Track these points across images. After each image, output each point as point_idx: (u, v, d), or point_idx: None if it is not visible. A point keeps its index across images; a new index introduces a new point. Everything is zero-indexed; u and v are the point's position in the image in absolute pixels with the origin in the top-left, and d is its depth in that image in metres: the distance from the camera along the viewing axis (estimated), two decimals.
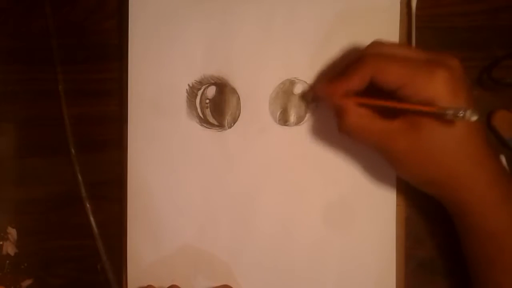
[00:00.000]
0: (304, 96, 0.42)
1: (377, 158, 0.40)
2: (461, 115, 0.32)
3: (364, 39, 0.38)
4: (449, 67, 0.33)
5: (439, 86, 0.33)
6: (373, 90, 0.35)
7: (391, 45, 0.36)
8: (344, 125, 0.36)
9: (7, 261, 0.44)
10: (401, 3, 0.41)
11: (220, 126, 0.42)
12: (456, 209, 0.36)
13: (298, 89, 0.42)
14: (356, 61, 0.35)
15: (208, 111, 0.42)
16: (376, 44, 0.36)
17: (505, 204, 0.35)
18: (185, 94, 0.42)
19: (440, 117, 0.33)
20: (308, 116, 0.42)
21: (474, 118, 0.32)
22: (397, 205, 0.41)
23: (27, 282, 0.44)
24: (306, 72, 0.41)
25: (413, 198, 0.41)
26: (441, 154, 0.34)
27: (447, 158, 0.34)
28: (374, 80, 0.35)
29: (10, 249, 0.44)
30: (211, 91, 0.42)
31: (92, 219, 0.43)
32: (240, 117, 0.42)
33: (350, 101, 0.35)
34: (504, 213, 0.35)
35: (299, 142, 0.42)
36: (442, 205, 0.38)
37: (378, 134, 0.35)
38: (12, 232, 0.44)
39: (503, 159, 0.40)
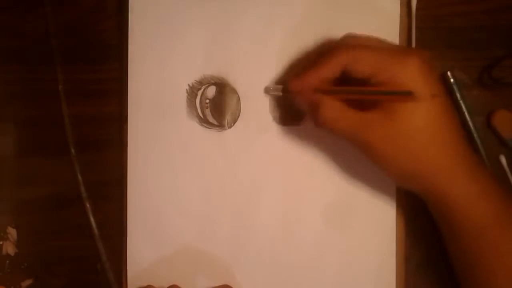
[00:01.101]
0: (269, 91, 0.41)
1: None
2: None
3: None
4: (420, 56, 0.34)
5: (411, 71, 0.33)
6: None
7: (363, 37, 0.36)
8: (318, 118, 0.35)
9: (7, 261, 0.44)
10: (401, 3, 0.41)
11: (220, 126, 0.42)
12: (437, 205, 0.36)
13: None
14: (327, 52, 0.35)
15: (208, 111, 0.42)
16: (347, 36, 0.37)
17: (484, 200, 0.34)
18: (185, 94, 0.42)
19: (408, 97, 0.33)
20: (307, 116, 0.42)
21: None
22: (397, 205, 0.41)
23: (27, 282, 0.44)
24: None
25: (413, 199, 0.41)
26: (417, 144, 0.34)
27: (423, 149, 0.34)
28: (346, 69, 0.35)
29: (10, 249, 0.44)
30: (211, 91, 0.42)
31: (92, 219, 0.43)
32: (240, 117, 0.42)
33: (323, 94, 0.35)
34: (484, 209, 0.34)
35: (299, 142, 0.42)
36: None
37: (353, 125, 0.35)
38: (12, 232, 0.44)
39: (503, 159, 0.40)
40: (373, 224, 0.41)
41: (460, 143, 0.35)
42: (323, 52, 0.36)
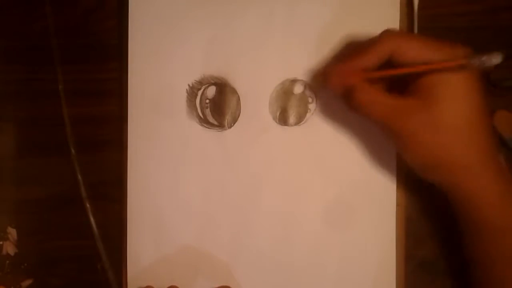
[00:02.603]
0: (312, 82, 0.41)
1: (377, 158, 0.41)
2: (484, 59, 0.32)
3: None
4: (463, 47, 0.34)
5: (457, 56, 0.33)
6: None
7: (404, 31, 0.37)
8: (355, 100, 0.35)
9: (7, 261, 0.44)
10: (401, 3, 0.41)
11: (220, 126, 0.42)
12: (459, 199, 0.35)
13: (298, 89, 0.42)
14: (373, 40, 0.35)
15: (208, 111, 0.42)
16: (390, 29, 0.36)
17: (507, 201, 0.34)
18: (185, 94, 0.42)
19: (462, 67, 0.32)
20: (308, 116, 0.42)
21: (499, 59, 0.32)
22: (397, 205, 0.41)
23: (27, 282, 0.44)
24: (306, 72, 0.41)
25: (413, 198, 0.41)
26: (450, 135, 0.34)
27: (455, 141, 0.34)
28: (392, 58, 0.34)
29: (10, 249, 0.44)
30: (211, 91, 0.42)
31: (92, 219, 0.43)
32: (240, 117, 0.42)
33: (360, 77, 0.35)
34: (506, 209, 0.34)
35: (299, 142, 0.42)
36: (442, 206, 0.38)
37: (389, 109, 0.34)
38: (12, 232, 0.44)
39: (501, 158, 0.40)
40: (373, 224, 0.41)
41: (490, 141, 0.35)
42: (367, 43, 0.36)
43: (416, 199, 0.41)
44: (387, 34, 0.35)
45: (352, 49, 0.40)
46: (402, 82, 0.36)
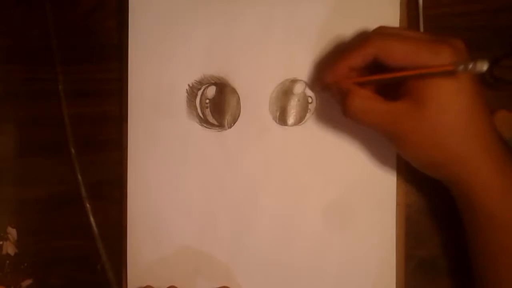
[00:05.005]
0: (311, 86, 0.41)
1: (377, 158, 0.41)
2: (471, 66, 0.32)
3: None
4: (453, 45, 0.33)
5: (444, 59, 0.33)
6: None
7: (397, 28, 0.37)
8: (348, 108, 0.35)
9: (7, 261, 0.44)
10: (401, 3, 0.41)
11: (220, 126, 0.42)
12: (461, 194, 0.36)
13: (298, 89, 0.42)
14: (360, 40, 0.35)
15: (208, 111, 0.42)
16: (380, 27, 0.36)
17: (510, 194, 0.34)
18: (185, 94, 0.42)
19: (450, 74, 0.32)
20: (308, 116, 0.42)
21: (485, 67, 0.32)
22: (397, 205, 0.41)
23: (27, 282, 0.44)
24: (306, 72, 0.41)
25: (413, 198, 0.41)
26: (447, 133, 0.34)
27: (452, 138, 0.34)
28: (378, 59, 0.34)
29: (10, 249, 0.44)
30: (211, 91, 0.42)
31: (92, 219, 0.43)
32: (240, 117, 0.42)
33: (353, 83, 0.35)
34: (509, 202, 0.34)
35: (299, 142, 0.42)
36: (442, 205, 0.38)
37: (383, 115, 0.35)
38: (12, 232, 0.44)
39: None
40: (373, 224, 0.41)
41: (490, 134, 0.34)
42: (355, 42, 0.36)
43: (416, 199, 0.41)
44: (372, 36, 0.35)
45: (342, 47, 0.40)
46: (392, 83, 0.35)
